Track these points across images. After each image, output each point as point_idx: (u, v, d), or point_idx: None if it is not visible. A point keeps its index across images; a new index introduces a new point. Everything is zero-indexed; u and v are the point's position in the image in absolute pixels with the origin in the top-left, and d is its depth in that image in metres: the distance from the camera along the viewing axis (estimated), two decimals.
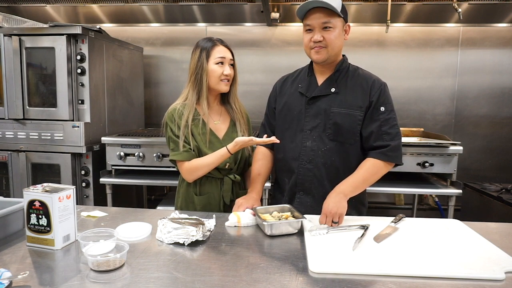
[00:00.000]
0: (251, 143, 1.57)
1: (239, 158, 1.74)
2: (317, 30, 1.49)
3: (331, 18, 1.47)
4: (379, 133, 1.53)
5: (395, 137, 1.53)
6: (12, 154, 2.75)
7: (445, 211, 2.97)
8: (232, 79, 1.72)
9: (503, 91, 3.42)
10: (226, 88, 1.69)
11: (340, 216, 1.37)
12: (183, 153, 1.64)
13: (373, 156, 1.53)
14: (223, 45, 1.69)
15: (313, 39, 1.50)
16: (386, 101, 1.55)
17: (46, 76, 2.68)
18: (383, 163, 1.52)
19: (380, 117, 1.53)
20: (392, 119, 1.55)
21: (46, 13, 3.60)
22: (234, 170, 1.76)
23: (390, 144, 1.52)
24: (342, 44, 1.55)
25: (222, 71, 1.65)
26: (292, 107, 1.64)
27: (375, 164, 1.52)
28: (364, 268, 1.05)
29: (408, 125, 3.43)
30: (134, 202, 3.33)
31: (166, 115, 1.70)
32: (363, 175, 1.51)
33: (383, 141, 1.52)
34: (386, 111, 1.54)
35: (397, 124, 1.56)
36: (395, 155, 1.53)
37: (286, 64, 3.44)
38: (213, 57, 1.65)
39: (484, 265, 1.06)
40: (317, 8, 1.46)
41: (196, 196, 1.72)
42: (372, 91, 1.54)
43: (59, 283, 0.96)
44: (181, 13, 3.52)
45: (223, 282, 0.97)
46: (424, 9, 3.26)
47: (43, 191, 1.15)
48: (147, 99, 3.72)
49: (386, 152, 1.52)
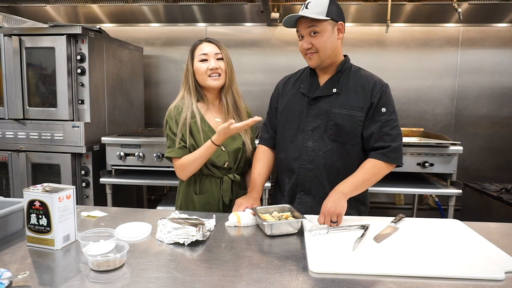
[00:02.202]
0: (233, 129, 1.53)
1: (239, 157, 1.74)
2: (306, 37, 1.51)
3: (317, 23, 1.47)
4: (380, 134, 1.53)
5: (396, 138, 1.53)
6: (12, 154, 2.75)
7: (445, 211, 2.97)
8: (224, 73, 1.69)
9: (503, 91, 3.42)
10: (215, 83, 1.67)
11: (339, 216, 1.37)
12: (177, 150, 1.65)
13: (374, 156, 1.53)
14: (207, 41, 1.69)
15: (303, 46, 1.53)
16: (387, 102, 1.55)
17: (46, 76, 2.68)
18: (384, 164, 1.52)
19: (381, 118, 1.53)
20: (393, 120, 1.55)
21: (46, 13, 3.60)
22: (234, 169, 1.75)
23: (391, 145, 1.52)
24: (336, 44, 1.54)
25: (207, 67, 1.66)
26: (294, 107, 1.64)
27: (376, 165, 1.52)
28: (364, 268, 1.04)
29: (408, 125, 3.43)
30: (134, 202, 3.33)
31: (167, 113, 1.72)
32: (363, 176, 1.50)
33: (384, 142, 1.52)
34: (388, 112, 1.54)
35: (398, 125, 1.56)
36: (395, 156, 1.53)
37: (286, 64, 3.44)
38: (196, 56, 1.68)
39: (484, 265, 1.06)
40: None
41: (195, 195, 1.72)
42: (373, 92, 1.54)
43: (59, 283, 0.96)
44: (181, 13, 3.52)
45: (223, 282, 0.97)
46: (424, 9, 3.26)
47: (43, 191, 1.15)
48: (147, 99, 3.72)
49: (387, 153, 1.52)
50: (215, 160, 1.68)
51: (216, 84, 1.68)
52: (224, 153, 1.70)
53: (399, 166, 1.56)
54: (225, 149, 1.71)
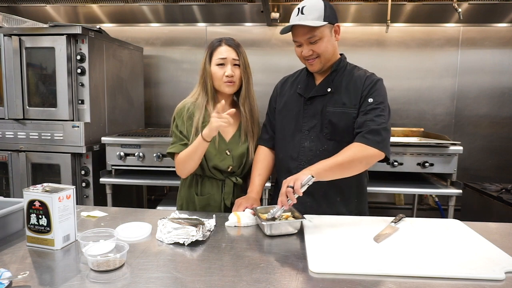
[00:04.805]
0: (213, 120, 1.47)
1: (243, 162, 1.72)
2: (305, 45, 1.49)
3: (315, 30, 1.44)
4: (363, 120, 1.47)
5: (380, 125, 1.44)
6: (12, 154, 2.75)
7: (445, 211, 2.97)
8: (239, 80, 1.66)
9: (503, 91, 3.41)
10: (229, 90, 1.66)
11: (296, 181, 1.29)
12: (178, 146, 1.64)
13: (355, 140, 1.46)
14: (227, 45, 1.65)
15: (303, 53, 1.50)
16: (375, 93, 1.50)
17: (46, 76, 2.68)
18: (361, 146, 1.41)
19: (368, 107, 1.49)
20: (380, 109, 1.47)
21: (46, 13, 3.60)
22: (237, 173, 1.74)
23: (370, 126, 1.44)
24: (335, 46, 1.54)
25: (223, 73, 1.62)
26: (291, 107, 1.64)
27: (351, 147, 1.42)
28: (364, 268, 1.04)
29: (408, 125, 3.43)
30: (134, 202, 3.33)
31: (175, 110, 1.70)
32: (336, 158, 1.39)
33: (365, 127, 1.45)
34: (374, 102, 1.48)
35: (384, 115, 1.47)
36: (374, 139, 1.41)
37: (286, 64, 3.44)
38: (215, 58, 1.64)
39: (484, 265, 1.06)
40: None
41: (196, 196, 1.72)
42: (363, 87, 1.52)
43: (59, 283, 0.96)
44: (181, 13, 3.52)
45: (223, 282, 0.97)
46: (424, 9, 3.26)
47: (43, 191, 1.15)
48: (147, 99, 3.71)
49: (365, 134, 1.43)
50: (219, 164, 1.67)
51: (229, 91, 1.67)
52: (229, 157, 1.69)
53: (387, 158, 1.48)
54: (230, 153, 1.69)
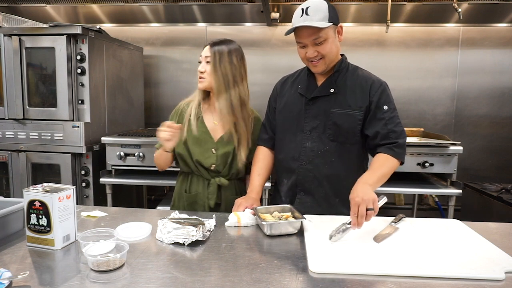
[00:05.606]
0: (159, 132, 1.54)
1: (228, 162, 1.71)
2: (310, 46, 1.48)
3: (321, 31, 1.43)
4: (385, 131, 1.52)
5: (401, 135, 1.53)
6: (12, 154, 2.75)
7: (445, 211, 2.97)
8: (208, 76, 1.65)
9: (503, 91, 3.42)
10: (200, 85, 1.70)
11: (374, 202, 1.27)
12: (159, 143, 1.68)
13: (383, 151, 1.51)
14: (209, 44, 1.69)
15: (307, 55, 1.49)
16: (387, 99, 1.54)
17: (46, 76, 2.68)
18: (393, 158, 1.50)
19: (385, 115, 1.53)
20: (396, 117, 1.55)
21: (46, 13, 3.60)
22: (223, 174, 1.73)
23: (398, 141, 1.51)
24: (338, 46, 1.55)
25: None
26: (292, 107, 1.64)
27: (388, 159, 1.49)
28: (364, 268, 1.04)
29: (408, 125, 3.43)
30: (134, 202, 3.33)
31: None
32: (381, 169, 1.46)
33: (389, 139, 1.52)
34: (389, 109, 1.53)
35: (400, 122, 1.55)
36: (400, 152, 1.52)
37: (286, 64, 3.43)
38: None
39: (484, 265, 1.06)
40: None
41: (185, 193, 1.76)
42: (371, 91, 1.54)
43: (59, 283, 0.96)
44: (181, 13, 3.52)
45: (223, 282, 0.97)
46: (424, 9, 3.26)
47: (43, 191, 1.15)
48: (147, 99, 3.72)
49: (394, 148, 1.51)
50: (203, 161, 1.69)
51: (200, 86, 1.70)
52: (213, 155, 1.70)
53: (401, 163, 1.55)
54: (215, 152, 1.70)
